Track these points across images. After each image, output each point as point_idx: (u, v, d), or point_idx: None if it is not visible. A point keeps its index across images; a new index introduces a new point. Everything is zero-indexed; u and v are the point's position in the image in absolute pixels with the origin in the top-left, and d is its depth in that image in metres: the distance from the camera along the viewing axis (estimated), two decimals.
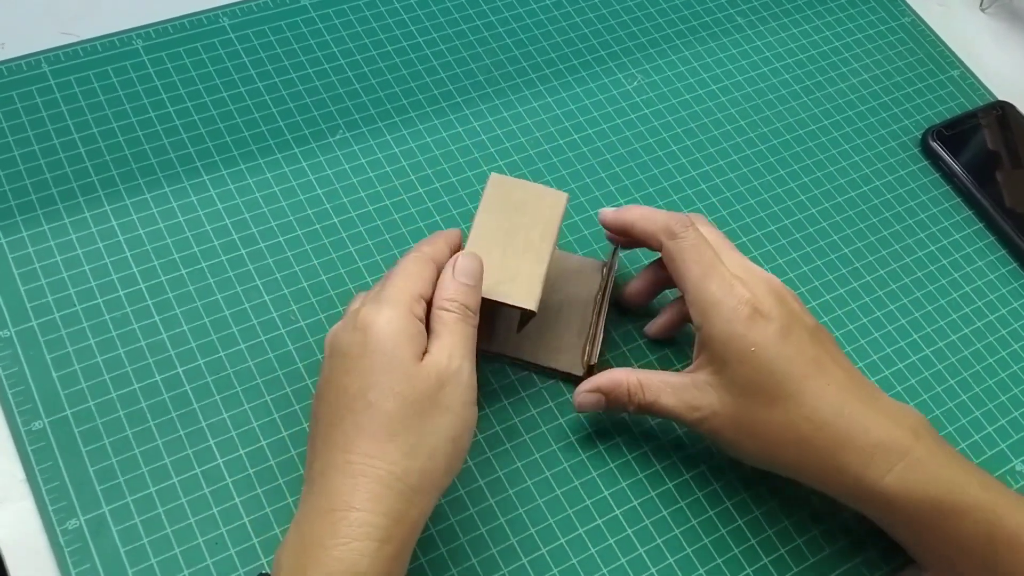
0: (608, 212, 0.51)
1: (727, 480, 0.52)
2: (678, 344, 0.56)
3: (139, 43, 0.62)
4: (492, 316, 0.53)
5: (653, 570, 0.49)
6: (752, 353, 0.45)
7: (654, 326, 0.55)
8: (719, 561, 0.50)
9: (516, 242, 0.50)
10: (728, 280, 0.46)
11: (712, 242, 0.48)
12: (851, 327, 0.58)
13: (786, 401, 0.45)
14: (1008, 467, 0.55)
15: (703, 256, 0.47)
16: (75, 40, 0.61)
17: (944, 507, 0.44)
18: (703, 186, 0.62)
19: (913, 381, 0.57)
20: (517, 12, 0.68)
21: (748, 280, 0.46)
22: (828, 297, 0.59)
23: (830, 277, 0.60)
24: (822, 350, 0.46)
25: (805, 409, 0.45)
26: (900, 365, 0.57)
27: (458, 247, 0.48)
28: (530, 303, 0.48)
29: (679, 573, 0.49)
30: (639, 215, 0.49)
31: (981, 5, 0.76)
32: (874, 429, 0.44)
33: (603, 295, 0.55)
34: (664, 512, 0.51)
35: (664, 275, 0.52)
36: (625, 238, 0.52)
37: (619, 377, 0.48)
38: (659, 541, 0.50)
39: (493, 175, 0.52)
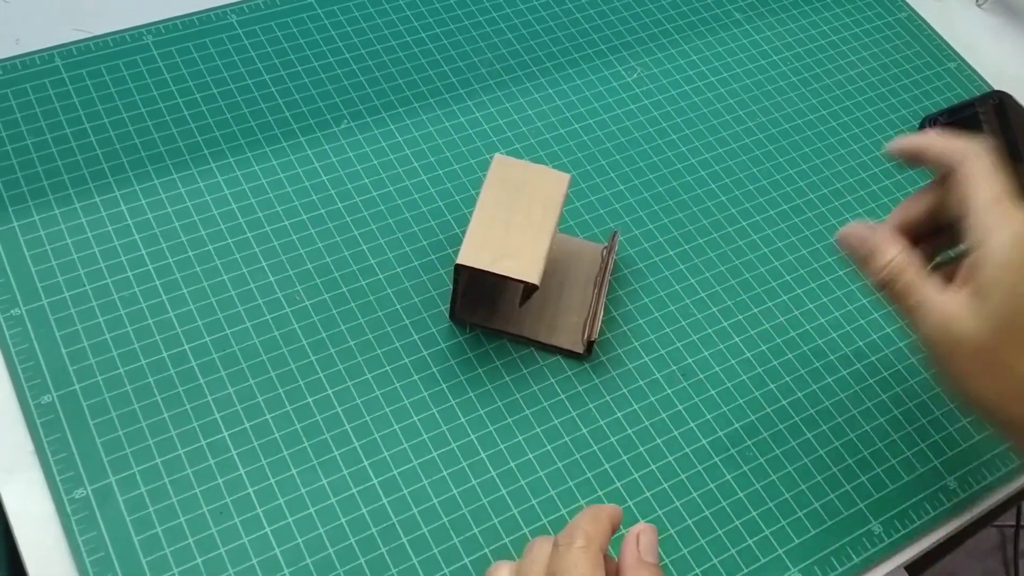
0: (902, 144, 0.47)
1: (721, 458, 0.52)
2: (682, 320, 0.57)
3: (149, 38, 0.63)
4: (494, 292, 0.54)
5: None
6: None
7: (906, 209, 0.48)
8: (720, 532, 0.50)
9: (519, 219, 0.51)
10: (1015, 211, 0.43)
11: None
12: (851, 307, 0.59)
13: None
14: None
15: (996, 182, 0.43)
16: (87, 36, 0.63)
17: None
18: (702, 173, 0.63)
19: (913, 360, 0.57)
20: (519, 6, 0.69)
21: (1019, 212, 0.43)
22: (828, 279, 0.60)
23: (829, 260, 0.61)
24: None
25: None
26: (899, 344, 0.58)
27: (619, 523, 0.42)
28: (532, 276, 0.49)
29: (680, 542, 0.49)
30: (938, 143, 0.46)
31: (977, 0, 0.77)
32: None
33: (603, 274, 0.56)
34: (664, 484, 0.51)
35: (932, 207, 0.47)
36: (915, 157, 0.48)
37: (884, 245, 0.45)
38: (660, 512, 0.50)
39: (497, 156, 0.53)
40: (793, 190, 0.63)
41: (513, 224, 0.51)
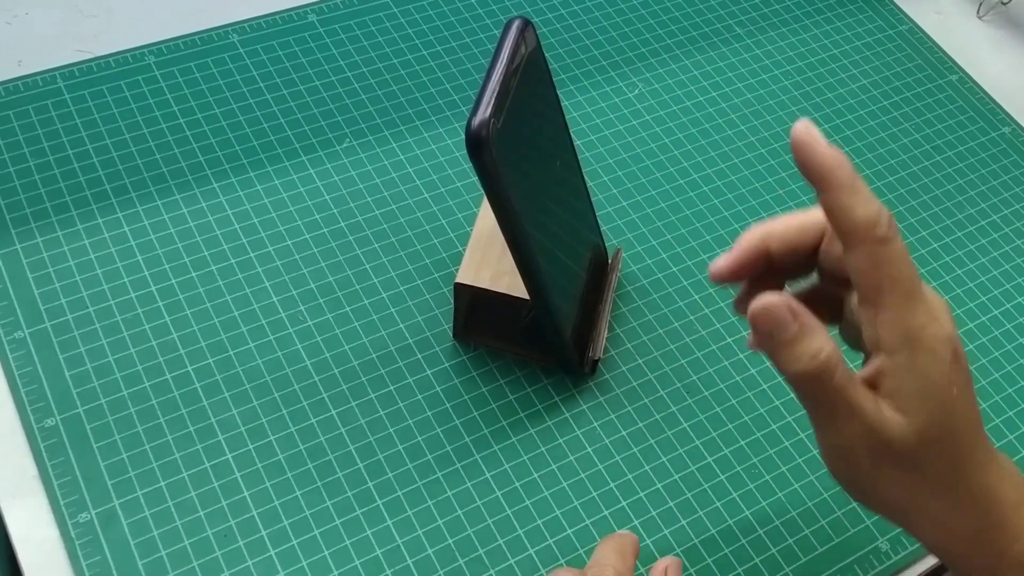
0: (818, 145, 0.36)
1: (727, 476, 0.52)
2: (687, 337, 0.56)
3: (151, 59, 0.63)
4: (497, 310, 0.53)
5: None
6: (953, 398, 0.37)
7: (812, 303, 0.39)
8: (727, 551, 0.50)
9: None
10: (934, 307, 0.37)
11: None
12: None
13: (968, 452, 0.38)
14: None
15: (910, 271, 0.36)
16: (90, 57, 0.63)
17: None
18: (705, 188, 0.63)
19: None
20: None
21: (941, 311, 0.37)
22: None
23: None
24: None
25: (974, 461, 0.38)
26: None
27: (638, 553, 0.42)
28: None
29: (686, 562, 0.49)
30: (849, 185, 0.36)
31: (978, 12, 0.77)
32: (1007, 493, 0.39)
33: (607, 292, 0.55)
34: (670, 503, 0.51)
35: (787, 248, 0.40)
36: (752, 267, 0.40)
37: (818, 328, 0.36)
38: (666, 532, 0.50)
39: None
40: (796, 205, 0.63)
41: None
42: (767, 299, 0.36)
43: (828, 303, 0.41)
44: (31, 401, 0.49)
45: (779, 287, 0.41)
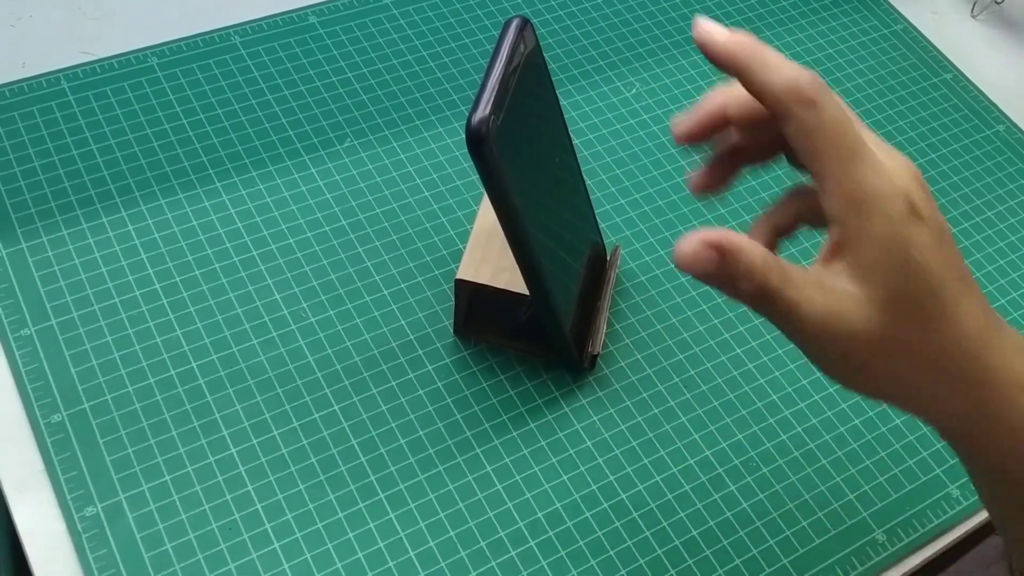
0: (716, 32, 0.36)
1: (725, 469, 0.53)
2: (684, 332, 0.57)
3: (154, 60, 0.64)
4: (497, 306, 0.54)
5: (660, 551, 0.49)
6: (912, 261, 0.35)
7: (760, 225, 0.40)
8: (725, 543, 0.50)
9: None
10: (880, 165, 0.35)
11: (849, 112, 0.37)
12: None
13: (941, 322, 0.36)
14: None
15: (848, 130, 0.35)
16: (93, 59, 0.63)
17: None
18: None
19: None
20: None
21: (896, 168, 0.36)
22: None
23: None
24: (964, 261, 0.37)
25: (958, 331, 0.36)
26: None
27: None
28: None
29: (685, 553, 0.50)
30: (762, 60, 0.35)
31: (972, 12, 0.78)
32: (1012, 365, 0.37)
33: (606, 288, 0.56)
34: (669, 496, 0.51)
35: (760, 149, 0.40)
36: (712, 121, 0.39)
37: (743, 244, 0.35)
38: (665, 524, 0.50)
39: None
40: None
41: None
42: (684, 246, 0.34)
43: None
44: (37, 397, 0.50)
45: (737, 169, 0.41)
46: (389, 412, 0.52)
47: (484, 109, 0.41)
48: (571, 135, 0.54)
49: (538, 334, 0.54)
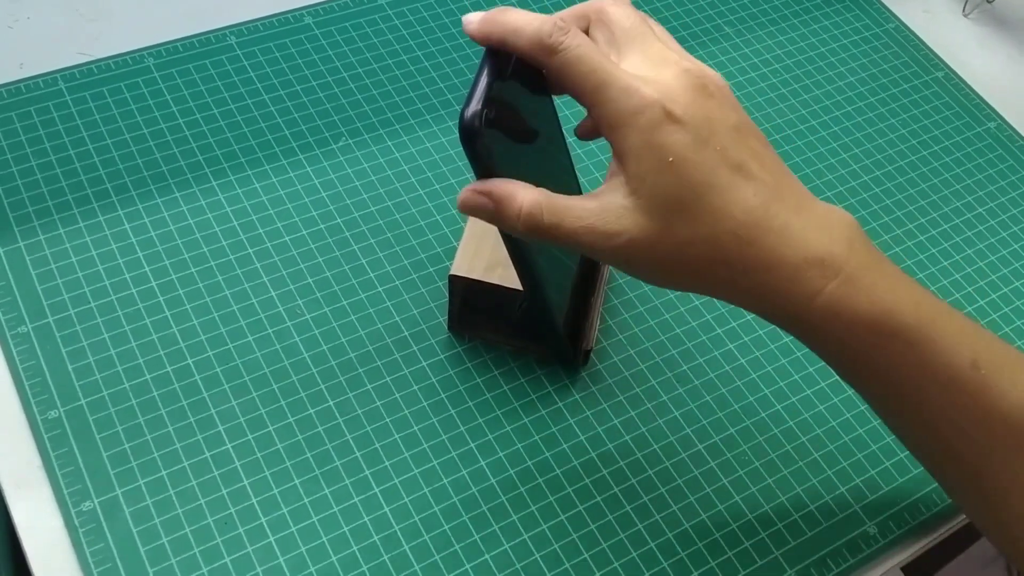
0: (472, 20, 0.41)
1: (717, 462, 0.53)
2: (677, 328, 0.58)
3: (150, 61, 0.65)
4: (491, 303, 0.54)
5: (652, 544, 0.50)
6: (670, 164, 0.38)
7: (581, 127, 0.46)
8: (717, 536, 0.51)
9: None
10: (628, 84, 0.38)
11: (624, 33, 0.41)
12: None
13: (709, 216, 0.39)
14: None
15: (592, 65, 0.39)
16: (90, 59, 0.64)
17: (877, 330, 0.40)
18: None
19: None
20: None
21: (658, 77, 0.39)
22: None
23: None
24: (747, 153, 0.40)
25: (730, 223, 0.39)
26: None
27: None
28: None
29: (678, 546, 0.50)
30: (509, 28, 0.40)
31: (964, 10, 0.79)
32: (804, 244, 0.39)
33: (599, 284, 0.56)
34: (662, 489, 0.52)
35: None
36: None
37: (513, 190, 0.40)
38: (657, 518, 0.51)
39: None
40: None
41: None
42: (462, 193, 0.41)
43: None
44: (35, 394, 0.50)
45: None
46: (384, 408, 0.53)
47: (476, 103, 0.42)
48: (563, 132, 0.54)
49: (532, 330, 0.54)
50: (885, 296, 0.40)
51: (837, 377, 0.56)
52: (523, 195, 0.40)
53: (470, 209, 0.41)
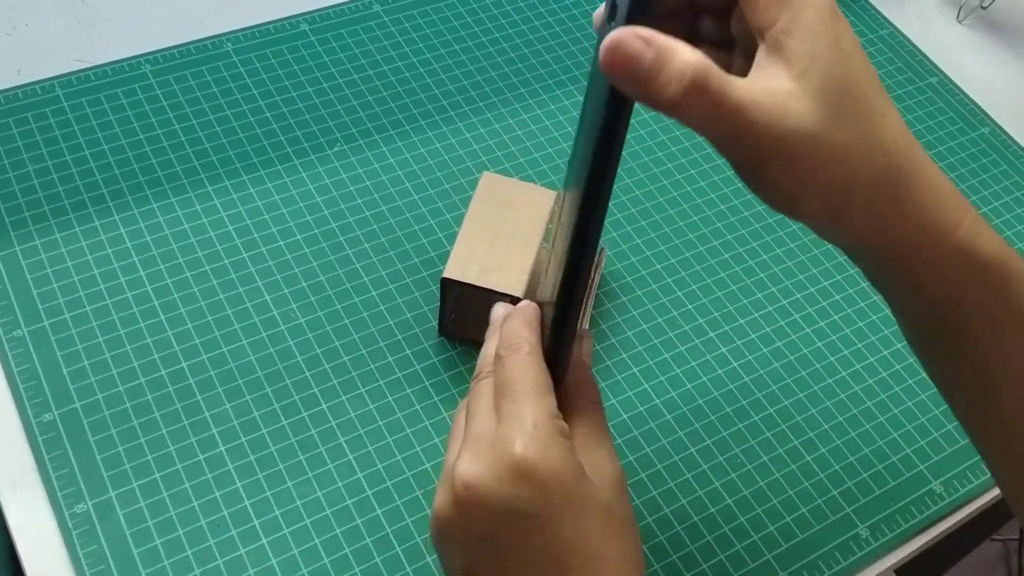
0: None
1: (709, 465, 0.53)
2: (670, 332, 0.58)
3: (147, 67, 0.65)
4: (483, 307, 0.55)
5: (644, 547, 0.50)
6: (843, 51, 0.34)
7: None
8: (709, 538, 0.51)
9: (505, 233, 0.52)
10: None
11: None
12: (835, 317, 0.60)
13: (877, 117, 0.35)
14: None
15: None
16: (87, 66, 0.64)
17: (1006, 271, 0.38)
18: (688, 188, 0.65)
19: (899, 367, 0.58)
20: (507, 30, 0.71)
21: None
22: (813, 289, 0.61)
23: (814, 271, 0.62)
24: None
25: (890, 132, 0.35)
26: (884, 352, 0.59)
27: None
28: (517, 290, 0.50)
29: (670, 548, 0.50)
30: None
31: (958, 16, 0.79)
32: (939, 173, 0.37)
33: (589, 290, 0.57)
34: (654, 492, 0.52)
35: None
36: None
37: (676, 44, 0.32)
38: (649, 520, 0.51)
39: (486, 174, 0.55)
40: None
41: (499, 239, 0.52)
42: (611, 36, 0.32)
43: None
44: (30, 397, 0.51)
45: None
46: (376, 411, 0.53)
47: None
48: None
49: None
50: (999, 242, 0.38)
51: (837, 376, 0.56)
52: (688, 51, 0.32)
53: (621, 57, 0.32)
